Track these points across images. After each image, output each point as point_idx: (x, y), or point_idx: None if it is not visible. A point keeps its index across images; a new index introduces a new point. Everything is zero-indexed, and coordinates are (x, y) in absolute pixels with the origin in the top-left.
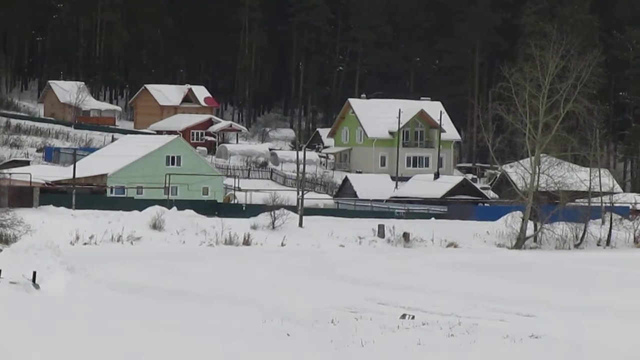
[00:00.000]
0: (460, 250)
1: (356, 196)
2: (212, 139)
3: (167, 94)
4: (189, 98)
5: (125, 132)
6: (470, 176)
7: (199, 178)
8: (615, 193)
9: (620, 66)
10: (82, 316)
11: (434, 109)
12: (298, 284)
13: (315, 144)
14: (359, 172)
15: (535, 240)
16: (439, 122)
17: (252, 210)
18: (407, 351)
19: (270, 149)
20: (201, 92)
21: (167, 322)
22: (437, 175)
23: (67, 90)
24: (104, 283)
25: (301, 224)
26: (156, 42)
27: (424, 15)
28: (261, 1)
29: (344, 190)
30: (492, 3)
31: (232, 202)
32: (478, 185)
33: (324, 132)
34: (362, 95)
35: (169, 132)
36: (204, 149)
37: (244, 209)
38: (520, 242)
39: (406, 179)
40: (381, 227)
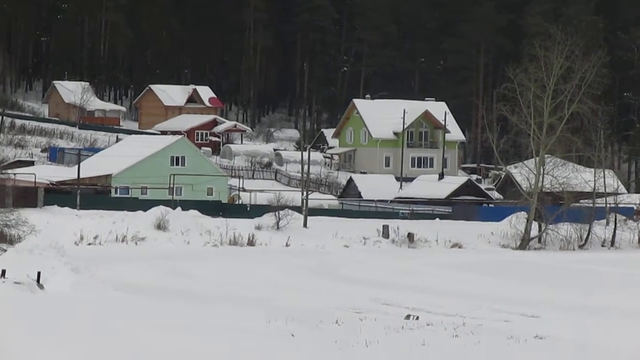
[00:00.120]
0: (464, 251)
1: (361, 197)
2: (217, 139)
3: (172, 94)
4: (193, 98)
5: (129, 132)
6: (474, 177)
7: (204, 178)
8: (619, 194)
9: (625, 67)
10: (87, 316)
11: (439, 109)
12: (302, 284)
13: (320, 144)
14: (364, 173)
15: (539, 241)
16: (443, 123)
17: (256, 211)
18: (411, 352)
19: (274, 150)
20: (206, 93)
21: (172, 322)
22: (441, 176)
23: (72, 91)
24: (108, 283)
25: (305, 225)
26: (161, 42)
27: (429, 16)
28: (266, 1)
29: (349, 190)
30: (497, 4)
31: (237, 202)
32: (482, 186)
33: (328, 133)
34: (366, 96)
35: (174, 133)
36: (209, 149)
37: (248, 209)
38: (524, 243)
39: (411, 179)
40: (386, 227)
